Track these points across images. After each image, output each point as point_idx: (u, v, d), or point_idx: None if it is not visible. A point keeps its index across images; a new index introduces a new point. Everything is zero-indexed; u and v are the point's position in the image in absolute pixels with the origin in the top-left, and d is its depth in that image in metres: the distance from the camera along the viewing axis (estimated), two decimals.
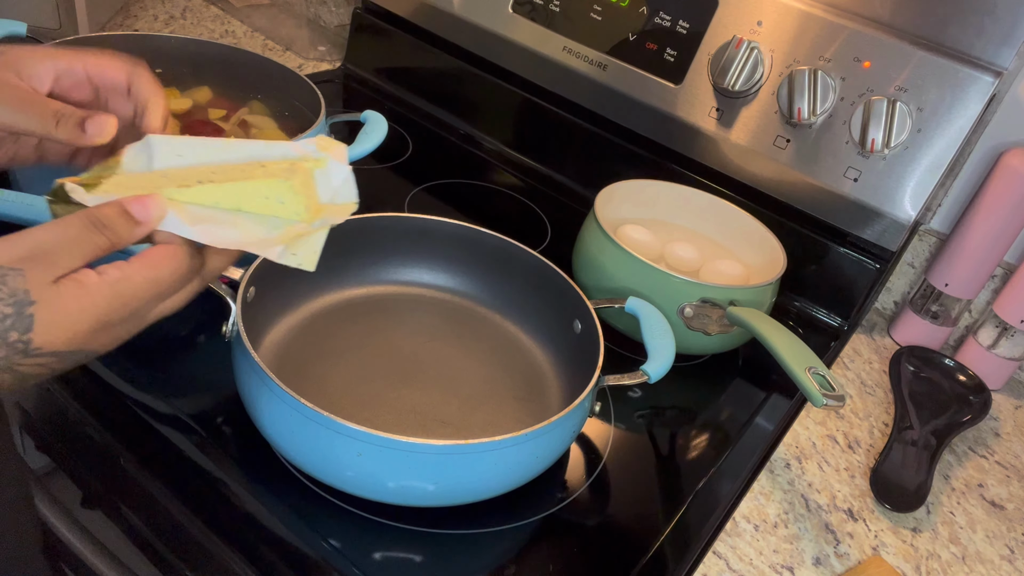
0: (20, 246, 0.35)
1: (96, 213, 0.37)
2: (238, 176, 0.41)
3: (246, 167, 0.42)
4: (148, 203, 0.38)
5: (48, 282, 0.35)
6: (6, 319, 0.34)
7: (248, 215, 0.40)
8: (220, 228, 0.39)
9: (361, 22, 1.14)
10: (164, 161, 0.41)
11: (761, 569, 0.58)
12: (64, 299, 0.35)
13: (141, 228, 0.38)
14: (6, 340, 0.34)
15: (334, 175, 0.44)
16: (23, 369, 0.36)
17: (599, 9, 0.91)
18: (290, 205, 0.41)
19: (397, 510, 0.53)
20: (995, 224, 0.81)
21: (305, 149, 0.44)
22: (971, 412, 0.78)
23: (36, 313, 0.35)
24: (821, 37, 0.79)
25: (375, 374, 0.62)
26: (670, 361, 0.60)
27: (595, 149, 0.98)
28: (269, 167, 0.42)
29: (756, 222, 0.82)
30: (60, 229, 0.36)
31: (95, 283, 0.36)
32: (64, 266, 0.36)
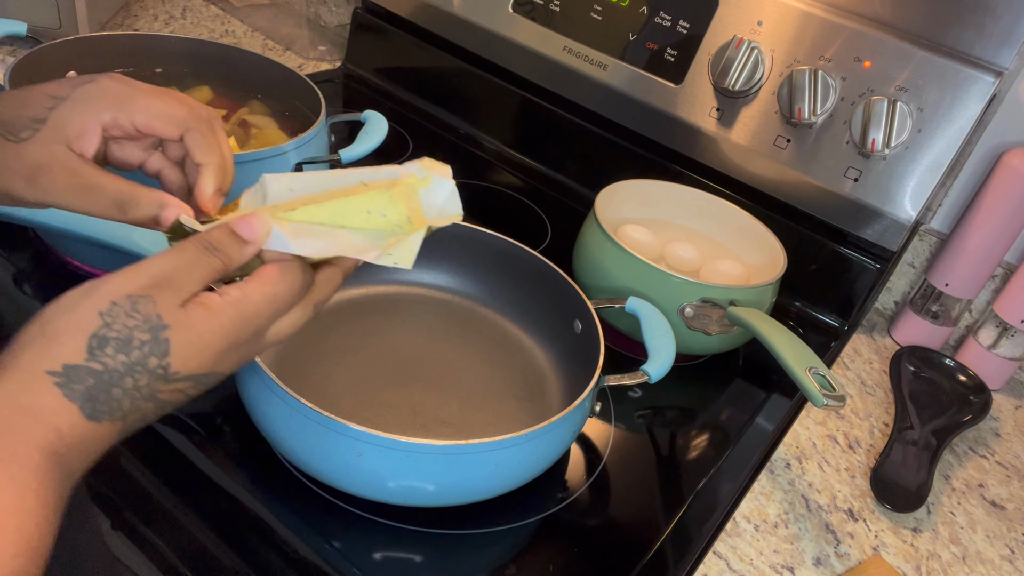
0: (143, 275, 0.36)
1: (207, 236, 0.38)
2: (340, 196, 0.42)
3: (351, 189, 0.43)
4: (253, 221, 0.39)
5: (176, 306, 0.36)
6: (144, 345, 0.35)
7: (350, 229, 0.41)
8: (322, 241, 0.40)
9: (361, 22, 1.14)
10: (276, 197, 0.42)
11: (761, 569, 0.58)
12: (194, 321, 0.36)
13: (250, 247, 0.39)
14: (147, 366, 0.35)
15: (439, 191, 0.44)
16: (163, 396, 0.36)
17: (599, 9, 0.91)
18: (392, 217, 0.42)
19: (397, 510, 0.53)
20: (995, 224, 0.81)
21: (410, 169, 0.44)
22: (971, 412, 0.78)
23: (171, 337, 0.35)
24: (821, 37, 0.79)
25: (375, 374, 0.62)
26: (670, 361, 0.60)
27: (595, 149, 0.98)
28: (371, 185, 0.43)
29: (756, 222, 0.81)
30: (177, 255, 0.37)
31: (219, 304, 0.37)
32: (187, 290, 0.36)
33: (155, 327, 0.35)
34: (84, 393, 0.33)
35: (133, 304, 0.35)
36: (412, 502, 0.52)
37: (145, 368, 0.35)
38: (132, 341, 0.34)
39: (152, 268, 0.36)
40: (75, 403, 0.33)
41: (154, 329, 0.35)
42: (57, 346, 0.34)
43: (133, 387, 0.35)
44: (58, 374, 0.33)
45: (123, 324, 0.34)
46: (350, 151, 0.74)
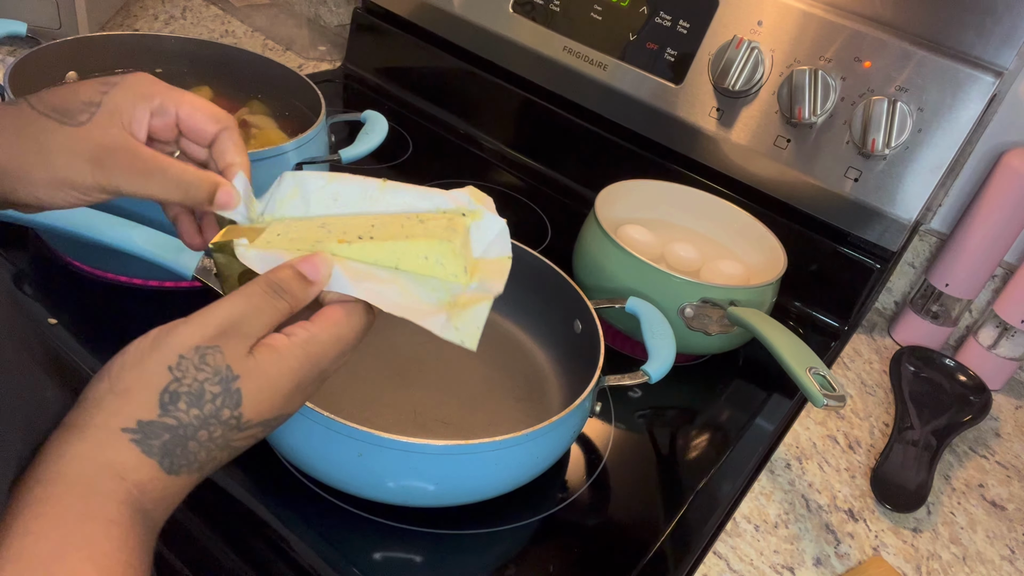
0: (210, 323, 0.36)
1: (273, 278, 0.38)
2: (398, 232, 0.41)
3: (406, 222, 0.42)
4: (317, 263, 0.39)
5: (244, 354, 0.36)
6: (216, 398, 0.35)
7: (406, 274, 0.40)
8: (382, 287, 0.39)
9: (361, 22, 1.14)
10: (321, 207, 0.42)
11: (761, 569, 0.58)
12: (264, 367, 0.36)
13: (314, 288, 0.39)
14: (220, 419, 0.35)
15: (489, 228, 0.44)
16: (236, 444, 0.36)
17: (599, 9, 0.91)
18: (449, 267, 0.41)
19: (397, 510, 0.53)
20: (995, 224, 0.81)
21: (460, 200, 0.44)
22: (971, 412, 0.78)
23: (243, 387, 0.35)
24: (821, 37, 0.79)
25: (375, 374, 0.62)
26: (670, 361, 0.60)
27: (595, 149, 0.98)
28: (429, 224, 0.42)
29: (756, 222, 0.81)
30: (244, 299, 0.37)
31: (287, 346, 0.37)
32: (254, 335, 0.36)
33: (226, 378, 0.35)
34: (161, 448, 0.34)
35: (202, 357, 0.35)
36: (412, 502, 0.52)
37: (219, 420, 0.35)
38: (204, 395, 0.34)
39: (219, 315, 0.36)
40: (154, 458, 0.33)
41: (225, 380, 0.35)
42: (129, 403, 0.34)
43: (208, 439, 0.35)
44: (134, 431, 0.33)
45: (193, 378, 0.34)
46: (350, 151, 0.74)
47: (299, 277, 0.38)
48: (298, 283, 0.38)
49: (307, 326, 0.38)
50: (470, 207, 0.44)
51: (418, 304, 0.40)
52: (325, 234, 0.40)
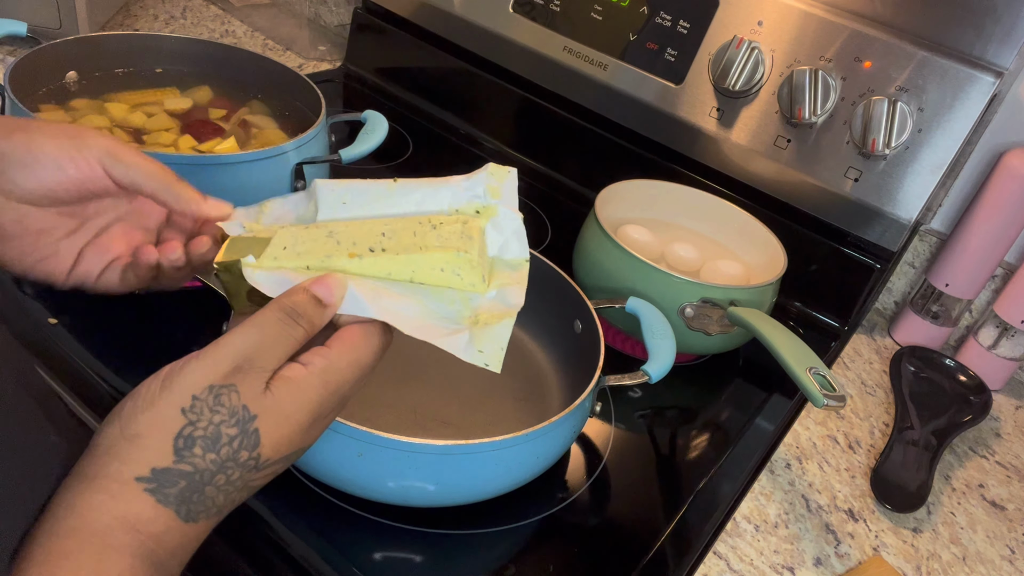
0: (224, 360, 0.34)
1: (288, 303, 0.36)
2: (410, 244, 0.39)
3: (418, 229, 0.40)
4: (331, 284, 0.37)
5: (261, 391, 0.34)
6: (233, 440, 0.33)
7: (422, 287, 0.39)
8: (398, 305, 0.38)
9: (361, 22, 1.14)
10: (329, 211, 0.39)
11: (762, 569, 0.58)
12: (281, 404, 0.34)
13: (329, 311, 0.37)
14: (238, 461, 0.33)
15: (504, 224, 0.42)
16: (255, 484, 0.35)
17: (599, 9, 0.91)
18: (466, 277, 0.39)
19: (397, 510, 0.53)
20: (995, 224, 0.81)
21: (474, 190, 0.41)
22: (972, 412, 0.78)
23: (260, 427, 0.34)
24: (822, 37, 0.79)
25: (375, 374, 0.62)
26: (670, 361, 0.60)
27: (595, 149, 0.98)
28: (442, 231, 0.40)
29: (756, 222, 0.81)
30: (258, 330, 0.35)
31: (304, 377, 0.35)
32: (270, 368, 0.35)
33: (243, 419, 0.33)
34: (177, 496, 0.32)
35: (216, 397, 0.33)
36: (412, 502, 0.52)
37: (236, 463, 0.33)
38: (221, 438, 0.33)
39: (232, 349, 0.34)
40: (170, 507, 0.32)
41: (242, 422, 0.33)
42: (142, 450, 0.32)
43: (226, 483, 0.33)
44: (148, 480, 0.32)
45: (208, 420, 0.33)
46: (350, 151, 0.74)
47: (314, 301, 0.37)
48: (313, 307, 0.37)
49: (324, 352, 0.36)
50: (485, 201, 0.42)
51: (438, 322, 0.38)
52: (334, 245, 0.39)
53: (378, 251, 0.38)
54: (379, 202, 0.41)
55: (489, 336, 0.38)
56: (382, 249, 0.39)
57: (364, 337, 0.37)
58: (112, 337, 0.61)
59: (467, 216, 0.41)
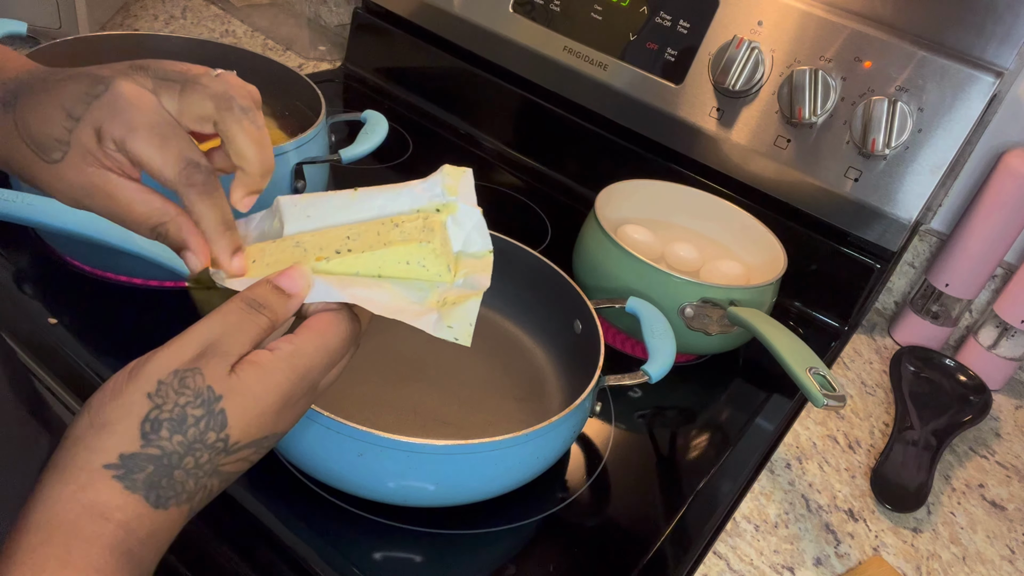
0: (188, 347, 0.34)
1: (250, 295, 0.37)
2: (375, 242, 0.40)
3: (381, 229, 0.41)
4: (294, 275, 0.38)
5: (226, 373, 0.34)
6: (199, 421, 0.33)
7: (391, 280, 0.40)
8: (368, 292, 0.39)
9: (361, 22, 1.14)
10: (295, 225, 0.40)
11: (762, 569, 0.58)
12: (248, 385, 0.35)
13: (294, 300, 0.38)
14: (206, 443, 0.33)
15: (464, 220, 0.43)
16: (227, 468, 0.35)
17: (599, 9, 0.91)
18: (431, 267, 0.40)
19: (397, 510, 0.53)
20: (995, 224, 0.81)
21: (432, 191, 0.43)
22: (972, 412, 0.78)
23: (227, 407, 0.34)
24: (822, 37, 0.79)
25: (375, 374, 0.62)
26: (670, 361, 0.60)
27: (595, 149, 0.98)
28: (404, 227, 0.41)
29: (756, 222, 0.81)
30: (220, 318, 0.36)
31: (271, 360, 0.35)
32: (236, 353, 0.35)
33: (208, 400, 0.33)
34: (146, 481, 0.32)
35: (181, 380, 0.33)
36: (412, 502, 0.52)
37: (204, 444, 0.33)
38: (186, 419, 0.33)
39: (197, 337, 0.35)
40: (138, 493, 0.32)
41: (207, 402, 0.33)
42: (109, 437, 0.32)
43: (195, 466, 0.33)
44: (116, 467, 0.32)
45: (174, 403, 0.33)
46: (350, 151, 0.74)
47: (276, 290, 0.37)
48: (276, 296, 0.37)
49: (290, 339, 0.37)
50: (444, 199, 0.43)
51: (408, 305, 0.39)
52: (301, 253, 0.40)
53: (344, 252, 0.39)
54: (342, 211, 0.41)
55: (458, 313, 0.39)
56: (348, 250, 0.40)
57: (331, 323, 0.38)
58: (112, 337, 0.61)
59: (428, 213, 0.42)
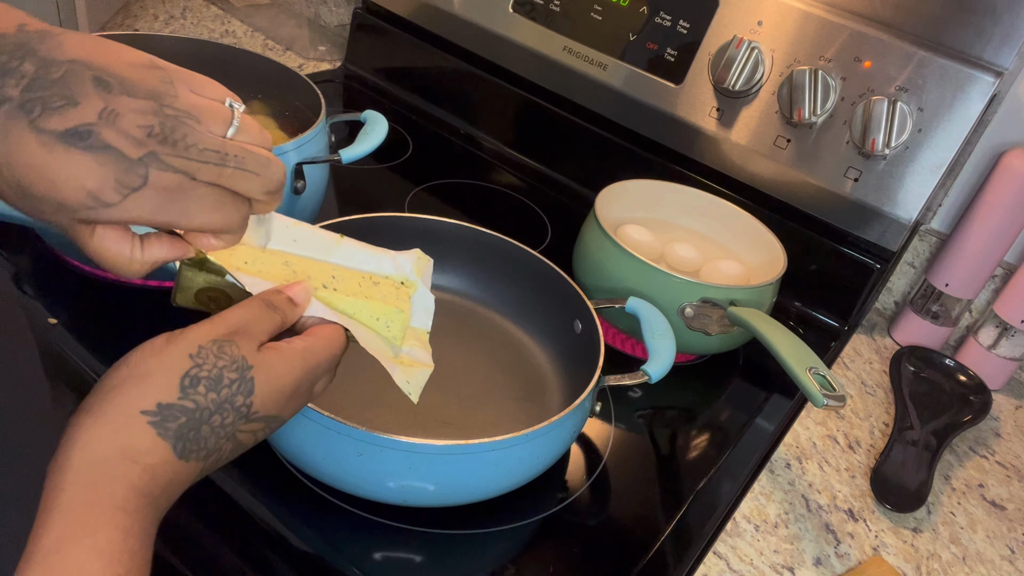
0: (222, 325, 0.38)
1: (267, 298, 0.41)
2: (356, 291, 0.47)
3: (362, 281, 0.48)
4: (299, 290, 0.43)
5: (255, 350, 0.38)
6: (233, 384, 0.37)
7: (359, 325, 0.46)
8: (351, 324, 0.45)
9: (361, 22, 1.14)
10: (280, 243, 0.45)
11: (761, 569, 0.58)
12: (272, 363, 0.39)
13: (298, 310, 0.43)
14: (233, 404, 0.37)
15: (421, 301, 0.50)
16: (240, 436, 0.38)
17: (599, 9, 0.91)
18: (394, 330, 0.47)
19: (397, 510, 0.53)
20: (995, 224, 0.81)
21: (404, 268, 0.50)
22: (971, 412, 0.78)
23: (255, 376, 0.38)
24: (822, 37, 0.79)
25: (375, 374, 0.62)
26: (670, 361, 0.60)
27: (595, 149, 0.98)
28: (382, 287, 0.48)
29: (756, 222, 0.81)
30: (247, 309, 0.40)
31: (289, 349, 0.40)
32: (259, 339, 0.39)
33: (242, 367, 0.37)
34: (176, 432, 0.35)
35: (220, 347, 0.37)
36: (412, 502, 0.52)
37: (232, 406, 0.37)
38: (222, 379, 0.36)
39: (228, 319, 0.39)
40: (168, 441, 0.35)
41: (241, 368, 0.37)
42: (150, 386, 0.35)
43: (220, 425, 0.36)
44: (153, 413, 0.35)
45: (213, 364, 0.37)
46: (350, 151, 0.74)
47: (288, 300, 0.42)
48: (287, 304, 0.42)
49: (303, 338, 0.41)
50: (410, 277, 0.50)
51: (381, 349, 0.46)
52: (291, 274, 0.45)
53: (330, 289, 0.46)
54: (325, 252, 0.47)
55: (415, 375, 0.46)
56: (334, 289, 0.46)
57: (335, 333, 0.43)
58: (112, 337, 0.61)
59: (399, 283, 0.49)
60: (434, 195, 0.92)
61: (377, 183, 0.92)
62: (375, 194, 0.90)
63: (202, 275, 0.43)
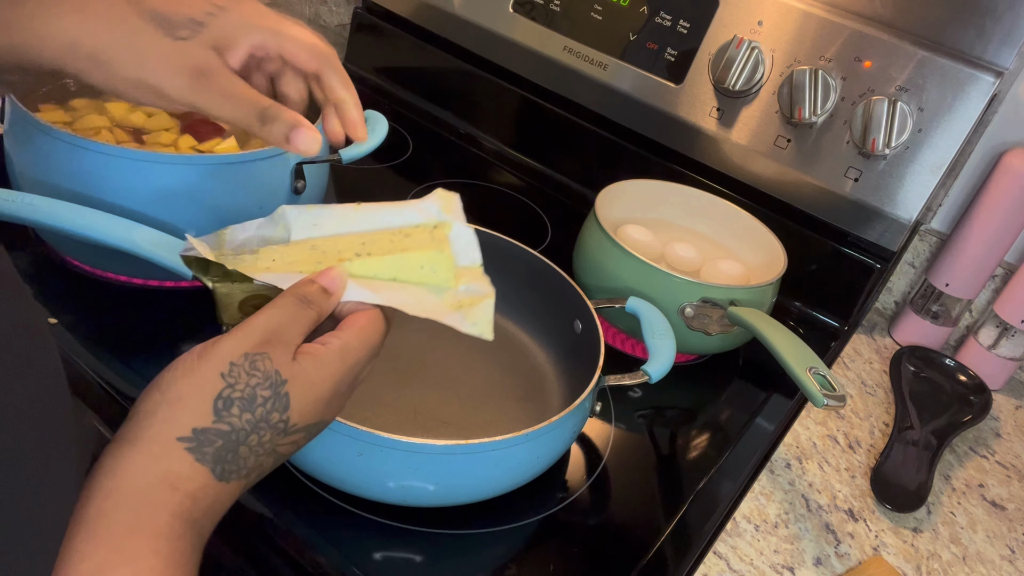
0: (253, 334, 0.37)
1: (300, 291, 0.40)
2: (390, 248, 0.44)
3: (393, 237, 0.45)
4: (333, 276, 0.41)
5: (289, 360, 0.37)
6: (267, 402, 0.36)
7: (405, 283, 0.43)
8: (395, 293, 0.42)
9: (361, 22, 1.14)
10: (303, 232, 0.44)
11: (762, 569, 0.58)
12: (307, 373, 0.37)
13: (334, 298, 0.41)
14: (270, 422, 0.36)
15: (460, 238, 0.47)
16: (281, 449, 0.37)
17: (599, 9, 0.91)
18: (441, 273, 0.44)
19: (397, 510, 0.53)
20: (996, 224, 0.81)
21: (429, 211, 0.47)
22: (972, 412, 0.78)
23: (290, 391, 0.36)
24: (822, 37, 0.79)
25: (375, 374, 0.62)
26: (671, 361, 0.60)
27: (595, 149, 0.98)
28: (415, 236, 0.45)
29: (756, 222, 0.81)
30: (279, 310, 0.38)
31: (325, 352, 0.38)
32: (294, 343, 0.38)
33: (275, 383, 0.36)
34: (214, 455, 0.34)
35: (252, 362, 0.36)
36: (412, 502, 0.52)
37: (268, 424, 0.36)
38: (256, 399, 0.35)
39: (260, 325, 0.37)
40: (207, 466, 0.34)
41: (275, 385, 0.36)
42: (184, 411, 0.34)
43: (257, 443, 0.36)
44: (188, 439, 0.34)
45: (245, 383, 0.35)
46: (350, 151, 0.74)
47: (321, 289, 0.40)
48: (320, 294, 0.40)
49: (338, 334, 0.39)
50: (440, 218, 0.47)
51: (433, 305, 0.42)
52: (321, 255, 0.42)
53: (364, 255, 0.43)
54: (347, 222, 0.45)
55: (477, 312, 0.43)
56: (368, 253, 0.43)
57: (370, 321, 0.41)
58: (112, 337, 0.61)
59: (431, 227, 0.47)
60: None
61: (377, 183, 0.92)
62: (375, 194, 0.90)
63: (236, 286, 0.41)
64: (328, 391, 0.38)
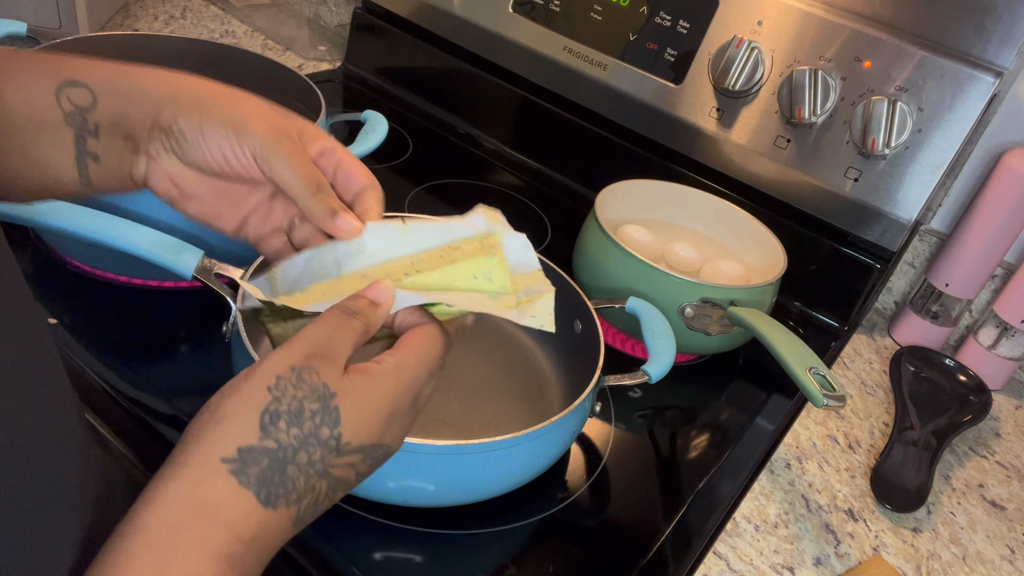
0: (299, 348, 0.36)
1: (347, 304, 0.38)
2: (441, 262, 0.43)
3: (443, 252, 0.44)
4: (379, 288, 0.40)
5: (338, 374, 0.35)
6: (315, 415, 0.34)
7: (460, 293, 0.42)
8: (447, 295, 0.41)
9: (361, 22, 1.14)
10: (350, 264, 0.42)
11: (761, 569, 0.58)
12: (359, 388, 0.36)
13: (382, 309, 0.39)
14: (319, 438, 0.34)
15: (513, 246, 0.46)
16: (336, 472, 0.35)
17: (599, 9, 0.91)
18: (497, 280, 0.43)
19: (397, 510, 0.53)
20: (995, 224, 0.81)
21: (477, 225, 0.46)
22: (971, 412, 0.78)
23: (340, 405, 0.35)
24: (822, 37, 0.79)
25: None
26: (670, 361, 0.60)
27: (595, 149, 0.98)
28: (465, 249, 0.44)
29: (756, 222, 0.81)
30: (323, 323, 0.37)
31: (379, 371, 0.37)
32: (343, 356, 0.36)
33: (324, 396, 0.35)
34: (259, 477, 0.33)
35: (299, 375, 0.34)
36: (412, 502, 0.52)
37: (318, 440, 0.34)
38: (303, 412, 0.34)
39: (306, 340, 0.36)
40: (250, 490, 0.32)
41: (323, 398, 0.34)
42: (230, 430, 0.33)
43: (307, 462, 0.34)
44: (233, 460, 0.32)
45: (292, 396, 0.34)
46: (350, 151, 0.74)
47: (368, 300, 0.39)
48: (368, 306, 0.39)
49: (393, 352, 0.38)
50: (489, 229, 0.46)
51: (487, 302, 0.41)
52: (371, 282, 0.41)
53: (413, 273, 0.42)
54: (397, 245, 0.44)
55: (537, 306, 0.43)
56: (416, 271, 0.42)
57: (428, 336, 0.39)
58: (112, 337, 0.61)
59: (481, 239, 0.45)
60: (434, 195, 0.92)
61: None
62: None
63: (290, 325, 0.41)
64: (384, 410, 0.36)
